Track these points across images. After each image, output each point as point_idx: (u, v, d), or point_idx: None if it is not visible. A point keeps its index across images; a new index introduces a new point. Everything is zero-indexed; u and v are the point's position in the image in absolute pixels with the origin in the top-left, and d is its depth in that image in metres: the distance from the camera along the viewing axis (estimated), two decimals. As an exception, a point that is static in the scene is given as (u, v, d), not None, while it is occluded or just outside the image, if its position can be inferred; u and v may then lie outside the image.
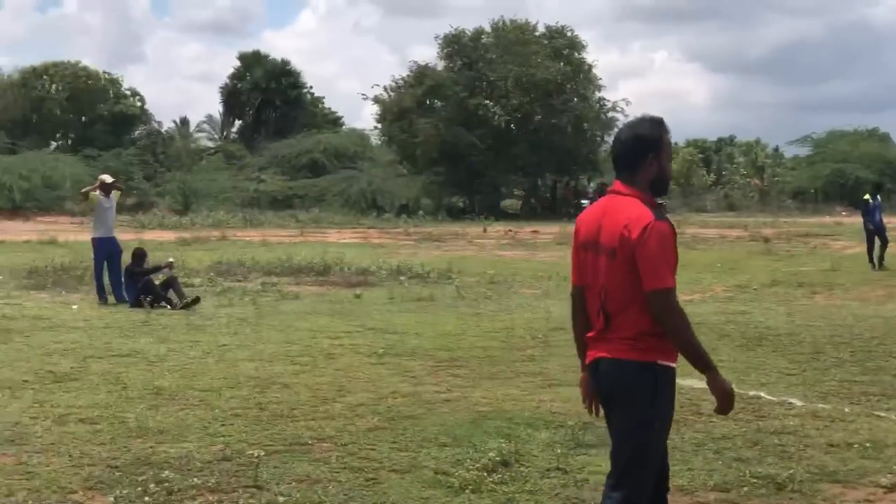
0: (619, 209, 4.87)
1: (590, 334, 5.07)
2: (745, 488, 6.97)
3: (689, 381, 10.39)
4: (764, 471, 7.41)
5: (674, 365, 4.90)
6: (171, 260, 19.30)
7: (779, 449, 8.16)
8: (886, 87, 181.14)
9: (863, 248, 27.47)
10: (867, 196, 27.06)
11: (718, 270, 25.47)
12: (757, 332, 14.58)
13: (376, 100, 66.62)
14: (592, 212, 5.09)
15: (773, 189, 77.68)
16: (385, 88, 66.69)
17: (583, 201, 64.65)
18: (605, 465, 7.60)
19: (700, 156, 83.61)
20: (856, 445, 8.23)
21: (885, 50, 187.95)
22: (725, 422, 8.60)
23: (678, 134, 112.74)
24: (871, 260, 25.86)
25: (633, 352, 4.84)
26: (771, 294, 19.77)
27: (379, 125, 69.01)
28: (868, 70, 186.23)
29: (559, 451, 7.95)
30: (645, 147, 4.94)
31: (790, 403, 9.84)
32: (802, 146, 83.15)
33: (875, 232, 26.17)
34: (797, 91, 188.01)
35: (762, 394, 10.22)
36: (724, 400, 4.82)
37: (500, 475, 7.31)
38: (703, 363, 4.80)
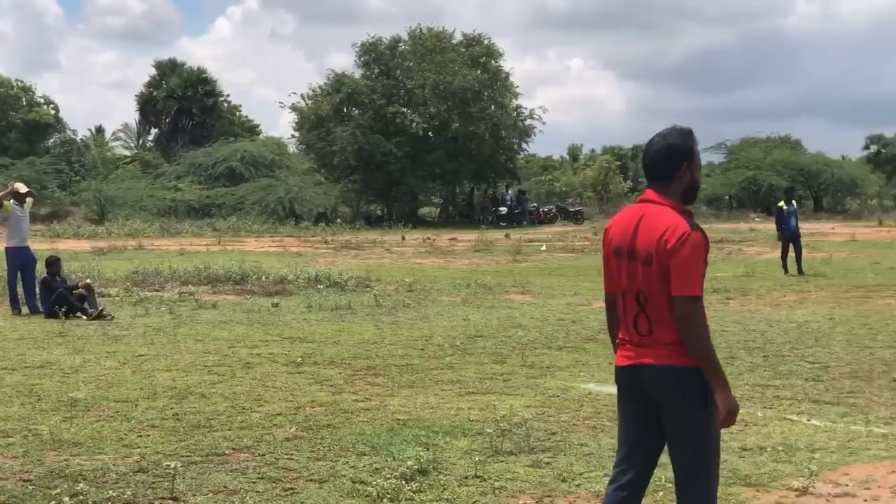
0: (656, 218, 5.00)
1: (622, 336, 5.20)
2: (661, 493, 7.01)
3: (607, 388, 10.53)
4: (678, 475, 7.46)
5: None
6: (88, 282, 18.98)
7: (693, 453, 8.24)
8: (798, 95, 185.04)
9: (776, 253, 27.79)
10: (781, 203, 27.14)
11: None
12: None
13: (293, 108, 66.20)
14: (623, 219, 5.20)
15: (688, 195, 78.29)
16: (302, 96, 66.35)
17: (500, 209, 64.92)
18: (523, 472, 7.72)
19: (617, 163, 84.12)
20: (768, 449, 8.37)
21: (796, 58, 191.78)
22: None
23: (594, 141, 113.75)
24: (784, 266, 26.07)
25: (680, 357, 4.95)
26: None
27: (296, 133, 68.60)
28: (780, 78, 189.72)
29: (477, 458, 7.98)
30: (679, 156, 5.10)
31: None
32: (716, 153, 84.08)
33: (790, 239, 26.31)
34: (711, 99, 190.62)
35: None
36: (729, 415, 4.93)
37: (418, 483, 7.33)
38: (717, 376, 4.92)
